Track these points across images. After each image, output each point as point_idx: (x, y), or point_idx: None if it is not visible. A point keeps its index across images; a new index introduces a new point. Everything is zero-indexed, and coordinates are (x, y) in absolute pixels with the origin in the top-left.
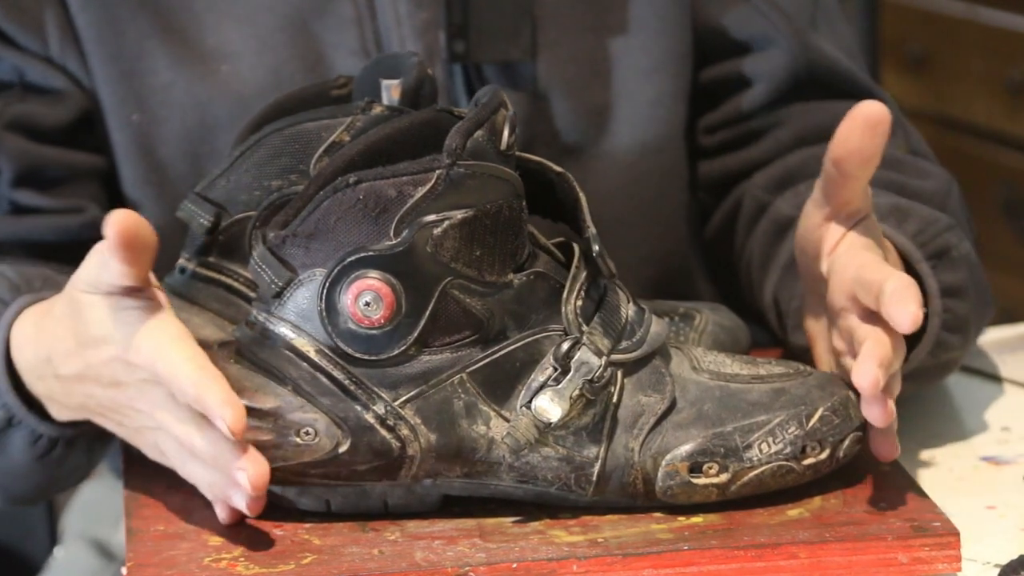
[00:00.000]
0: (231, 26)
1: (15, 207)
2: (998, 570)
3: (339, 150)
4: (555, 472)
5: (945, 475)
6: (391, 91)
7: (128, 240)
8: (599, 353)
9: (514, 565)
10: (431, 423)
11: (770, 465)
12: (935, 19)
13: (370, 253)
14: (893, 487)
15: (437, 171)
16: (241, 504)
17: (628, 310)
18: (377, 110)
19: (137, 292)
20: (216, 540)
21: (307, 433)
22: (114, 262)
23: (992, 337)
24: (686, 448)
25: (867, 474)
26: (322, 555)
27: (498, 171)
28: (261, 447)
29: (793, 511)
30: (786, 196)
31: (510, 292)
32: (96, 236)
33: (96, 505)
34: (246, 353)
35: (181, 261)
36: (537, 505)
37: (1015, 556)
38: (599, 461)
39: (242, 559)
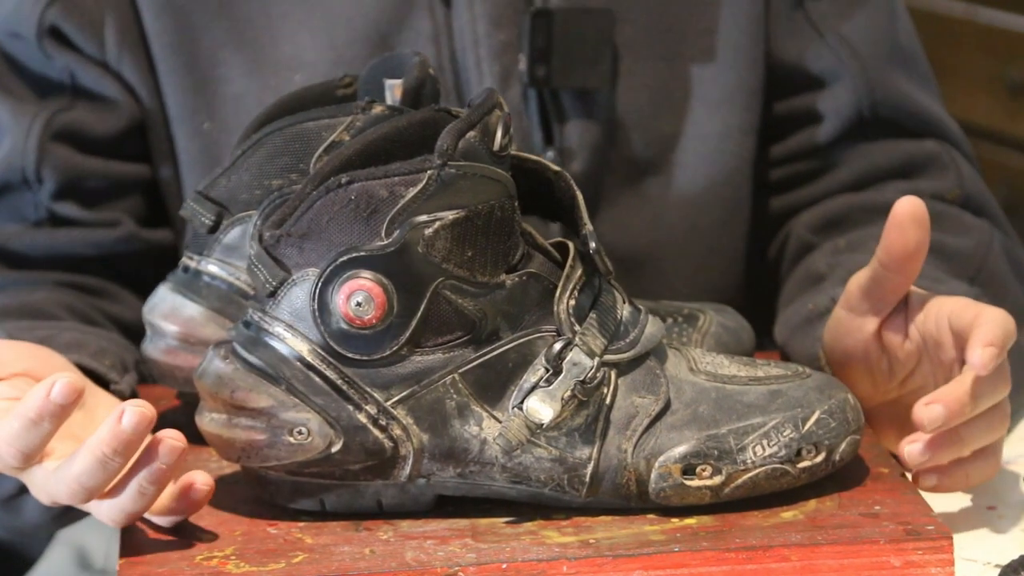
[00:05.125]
0: (307, 36)
1: (52, 218)
2: (998, 570)
3: (338, 149)
4: (548, 473)
5: None
6: (394, 91)
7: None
8: (591, 354)
9: (504, 565)
10: (423, 423)
11: (764, 468)
12: (935, 19)
13: (362, 253)
14: (889, 490)
15: (428, 171)
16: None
17: (623, 310)
18: (377, 110)
19: None
20: (209, 538)
21: (300, 432)
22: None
23: None
24: (679, 450)
25: (864, 476)
26: (313, 554)
27: (490, 172)
28: (255, 446)
29: (787, 513)
30: (824, 249)
31: (502, 293)
32: (129, 249)
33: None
34: (240, 352)
35: (184, 259)
36: (531, 505)
37: (1015, 556)
38: (592, 462)
39: (233, 557)
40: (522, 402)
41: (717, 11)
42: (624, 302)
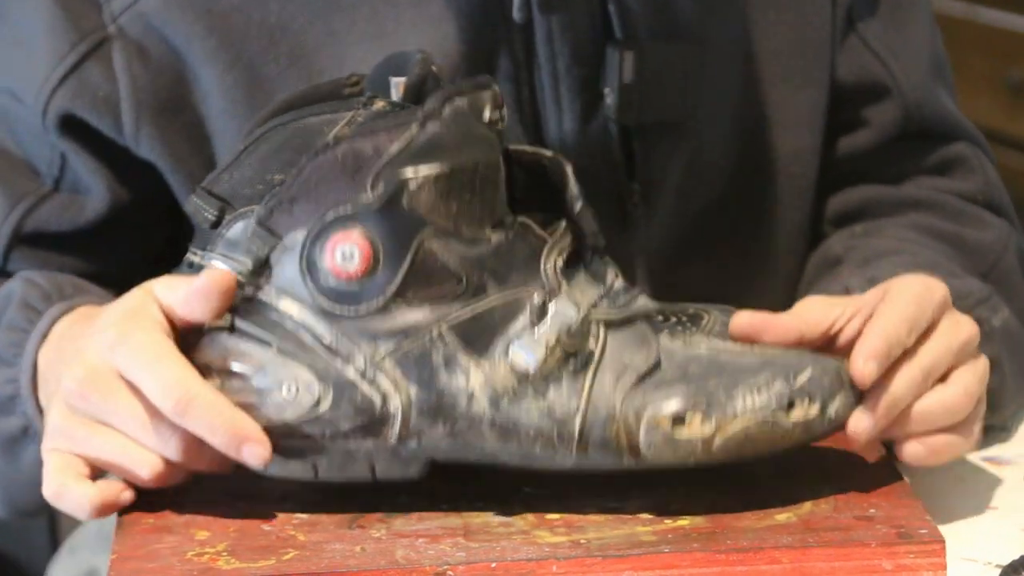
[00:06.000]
0: None
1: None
2: (998, 570)
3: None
4: (536, 426)
5: (945, 475)
6: (398, 88)
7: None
8: (578, 305)
9: (493, 564)
10: (411, 376)
11: (756, 416)
12: (935, 19)
13: (347, 209)
14: (886, 493)
15: (413, 125)
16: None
17: (616, 281)
18: (378, 105)
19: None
20: (203, 534)
21: (289, 389)
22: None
23: None
24: (668, 401)
25: (862, 479)
26: (304, 551)
27: (476, 128)
28: (244, 408)
29: (781, 515)
30: (841, 234)
31: (489, 248)
32: None
33: (101, 534)
34: (235, 323)
35: (188, 255)
36: (524, 504)
37: (1015, 556)
38: (580, 413)
39: (224, 553)
40: (507, 350)
41: (788, 32)
42: (617, 276)
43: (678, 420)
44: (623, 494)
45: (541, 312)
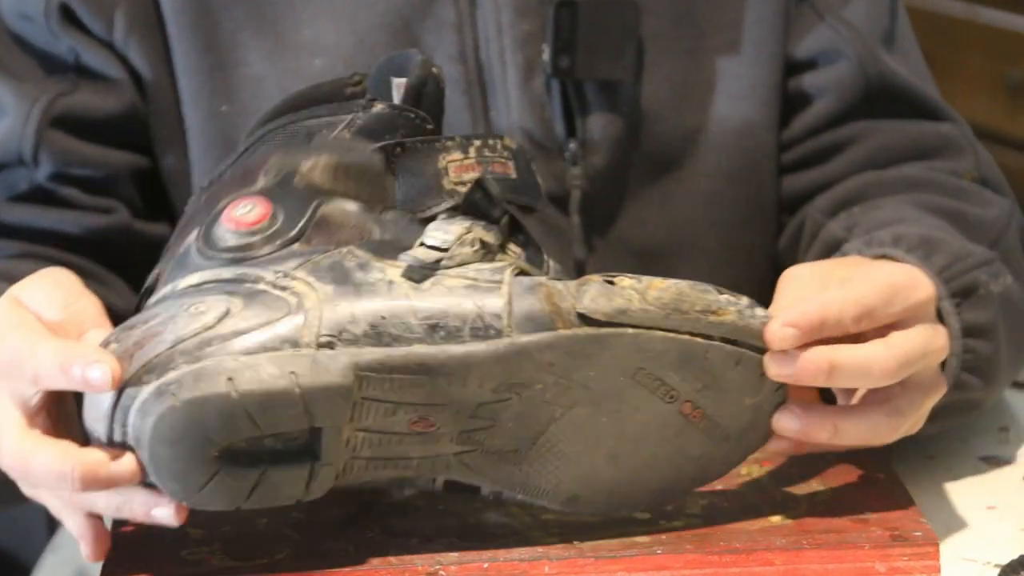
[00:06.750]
0: (329, 21)
1: (46, 196)
2: (998, 570)
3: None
4: (460, 302)
5: (945, 475)
6: (399, 89)
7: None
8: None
9: (485, 565)
10: (325, 278)
11: (686, 282)
12: (935, 19)
13: (242, 192)
14: (882, 495)
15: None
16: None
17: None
18: (378, 108)
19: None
20: (198, 532)
21: (196, 308)
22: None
23: None
24: (596, 273)
25: (858, 482)
26: (297, 550)
27: (358, 144)
28: (150, 335)
29: (776, 517)
30: (839, 217)
31: (392, 215)
32: (122, 239)
33: None
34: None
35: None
36: (520, 506)
37: (1015, 556)
38: (506, 283)
39: (219, 551)
40: (422, 241)
41: (741, 5)
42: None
43: (608, 280)
44: None
45: (452, 215)
